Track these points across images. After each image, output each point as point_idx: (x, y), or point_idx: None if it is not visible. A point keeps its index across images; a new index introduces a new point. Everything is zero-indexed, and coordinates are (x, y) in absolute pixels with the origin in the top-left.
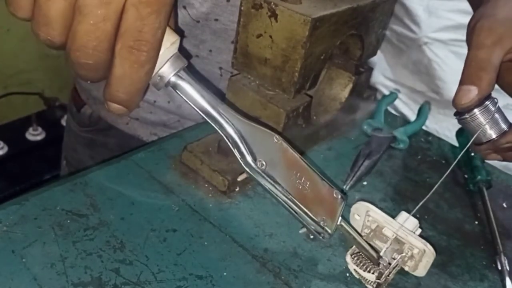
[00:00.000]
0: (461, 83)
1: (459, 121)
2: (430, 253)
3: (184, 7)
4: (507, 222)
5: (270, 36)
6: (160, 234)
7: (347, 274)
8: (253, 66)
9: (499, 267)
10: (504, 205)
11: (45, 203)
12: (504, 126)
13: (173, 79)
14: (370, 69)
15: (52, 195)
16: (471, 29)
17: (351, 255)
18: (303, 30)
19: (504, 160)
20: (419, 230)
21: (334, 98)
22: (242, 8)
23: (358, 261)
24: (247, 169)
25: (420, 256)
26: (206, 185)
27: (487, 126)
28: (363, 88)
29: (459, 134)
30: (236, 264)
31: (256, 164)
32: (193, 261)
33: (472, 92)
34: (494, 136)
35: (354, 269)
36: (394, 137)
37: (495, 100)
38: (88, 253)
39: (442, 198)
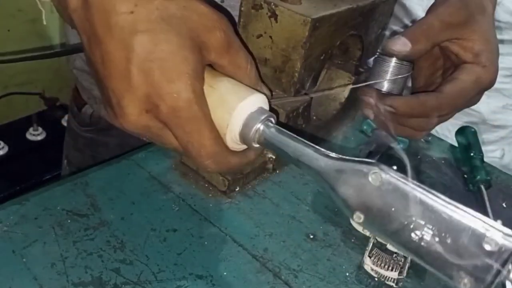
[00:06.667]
0: (403, 34)
1: (375, 59)
2: None
3: None
4: (507, 222)
5: (270, 37)
6: (160, 234)
7: (347, 274)
8: None
9: None
10: (504, 205)
11: (46, 203)
12: (396, 91)
13: (258, 137)
14: (370, 69)
15: (53, 195)
16: (441, 1)
17: (369, 256)
18: (303, 31)
19: (378, 122)
20: None
21: (334, 98)
22: (242, 8)
23: (378, 261)
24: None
25: None
26: (206, 185)
27: (387, 78)
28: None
29: (459, 134)
30: (236, 264)
31: (353, 219)
32: (193, 261)
33: (406, 47)
34: (383, 90)
35: (372, 268)
36: (394, 137)
37: (411, 68)
38: (88, 253)
39: None
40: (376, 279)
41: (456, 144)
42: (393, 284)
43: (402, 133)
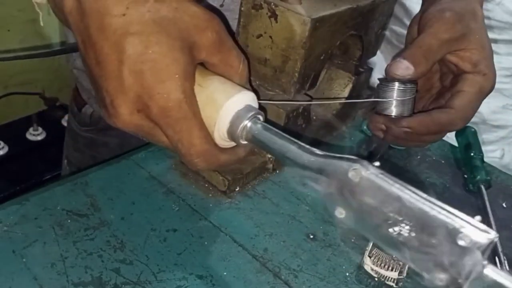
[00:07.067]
0: (404, 57)
1: (378, 86)
2: None
3: None
4: (507, 222)
5: (270, 37)
6: (160, 234)
7: (347, 274)
8: (253, 66)
9: (499, 267)
10: (504, 205)
11: (46, 203)
12: (406, 113)
13: (246, 134)
14: (370, 69)
15: (53, 195)
16: (435, 15)
17: (369, 256)
18: (303, 31)
19: (390, 141)
20: None
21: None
22: (242, 8)
23: (378, 261)
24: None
25: None
26: (206, 185)
27: (394, 103)
28: (363, 88)
29: (459, 134)
30: (236, 264)
31: (335, 215)
32: (193, 261)
33: (409, 70)
34: (393, 114)
35: (372, 268)
36: None
37: (416, 88)
38: (88, 253)
39: (441, 198)
40: (376, 279)
41: (456, 144)
42: (393, 284)
43: (412, 146)
